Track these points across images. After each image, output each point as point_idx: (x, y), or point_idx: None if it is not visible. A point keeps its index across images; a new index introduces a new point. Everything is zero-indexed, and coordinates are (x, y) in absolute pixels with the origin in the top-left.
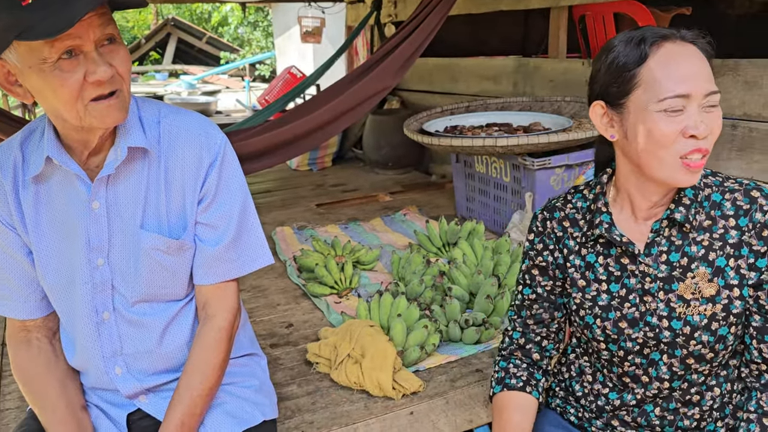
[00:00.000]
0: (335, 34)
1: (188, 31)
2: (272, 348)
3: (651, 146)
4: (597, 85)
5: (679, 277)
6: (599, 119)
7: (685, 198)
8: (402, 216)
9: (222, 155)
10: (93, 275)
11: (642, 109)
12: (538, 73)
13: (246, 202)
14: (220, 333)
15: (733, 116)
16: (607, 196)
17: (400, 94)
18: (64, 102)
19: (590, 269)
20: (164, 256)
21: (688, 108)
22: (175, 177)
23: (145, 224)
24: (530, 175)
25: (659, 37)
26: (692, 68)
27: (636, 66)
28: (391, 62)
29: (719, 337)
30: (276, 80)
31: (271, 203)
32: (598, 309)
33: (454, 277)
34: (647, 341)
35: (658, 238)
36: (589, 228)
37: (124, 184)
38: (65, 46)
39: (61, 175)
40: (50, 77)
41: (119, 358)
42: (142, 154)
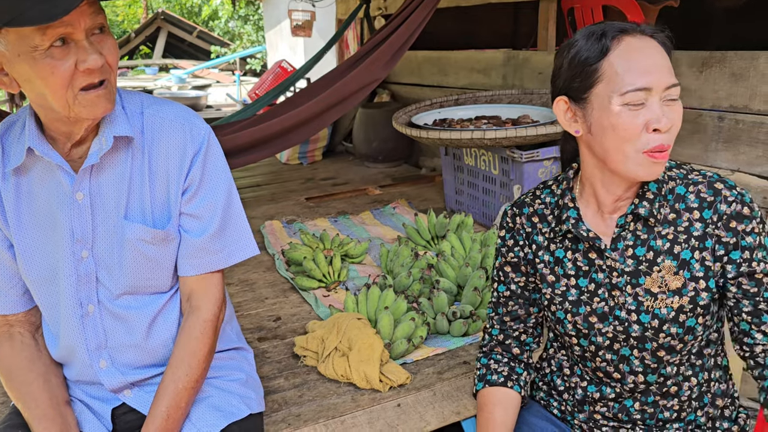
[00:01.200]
0: (326, 27)
1: (178, 25)
2: (260, 341)
3: (614, 140)
4: (560, 81)
5: (645, 270)
6: (563, 114)
7: (649, 192)
8: (391, 209)
9: (206, 145)
10: (77, 268)
11: (604, 103)
12: (527, 66)
13: (230, 192)
14: (204, 325)
15: (720, 108)
16: (574, 191)
17: (390, 87)
18: (54, 90)
19: (559, 264)
20: (148, 246)
21: (650, 101)
22: (159, 167)
23: (129, 215)
24: (518, 167)
25: (619, 31)
26: (653, 61)
27: (597, 60)
28: (380, 54)
29: (688, 329)
30: (267, 74)
31: (260, 197)
32: (568, 304)
33: (442, 269)
34: (617, 335)
35: (623, 233)
36: (557, 223)
37: (107, 174)
38: (57, 33)
39: (43, 166)
40: (41, 65)
41: (104, 351)
42: (126, 144)
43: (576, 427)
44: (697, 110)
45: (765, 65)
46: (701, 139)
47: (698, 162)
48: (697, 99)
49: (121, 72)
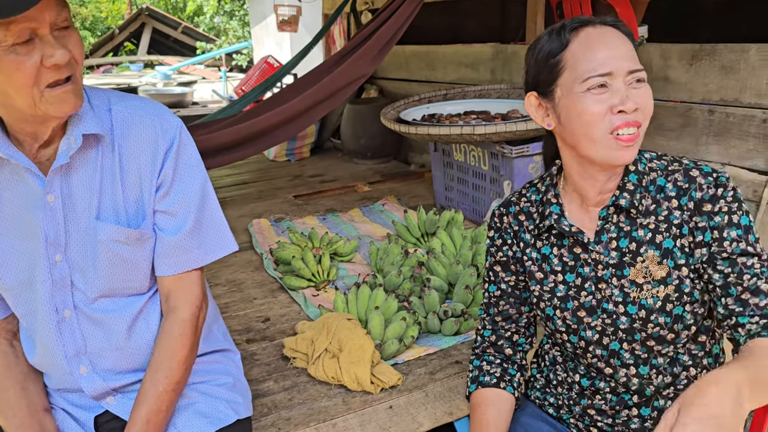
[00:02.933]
0: (312, 22)
1: (163, 21)
2: (248, 343)
3: (582, 127)
4: (529, 77)
5: (629, 262)
6: (534, 110)
7: (630, 183)
8: (380, 206)
9: (178, 140)
10: (52, 272)
11: (569, 91)
12: (515, 60)
13: (205, 188)
14: (183, 325)
15: (710, 101)
16: (558, 187)
17: (378, 83)
18: (20, 88)
19: (546, 261)
20: (123, 247)
21: (613, 85)
22: (131, 165)
23: (101, 215)
24: (508, 163)
25: (578, 23)
26: (612, 48)
27: (559, 52)
28: (367, 49)
29: (676, 317)
30: (253, 70)
31: (248, 195)
32: (557, 300)
33: (433, 267)
34: (605, 329)
35: (607, 225)
36: (540, 220)
37: (78, 174)
38: (21, 28)
39: (10, 170)
40: (5, 62)
41: (83, 357)
42: (96, 142)
43: (572, 426)
44: (688, 104)
45: (755, 58)
46: (692, 132)
47: (689, 155)
48: (687, 92)
49: (106, 69)
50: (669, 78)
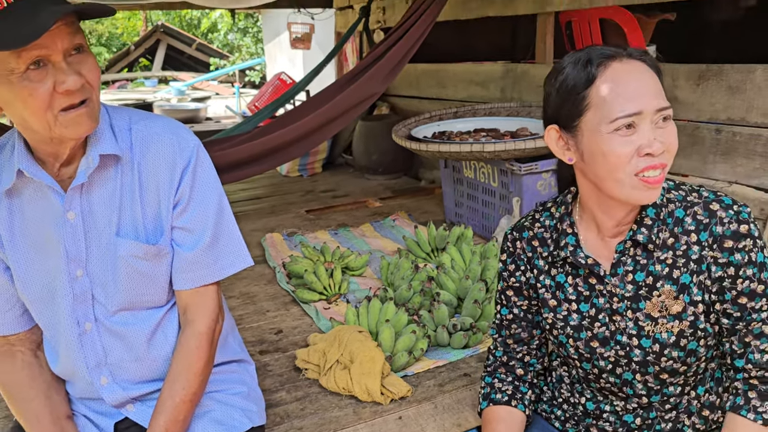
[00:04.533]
0: (325, 40)
1: (178, 38)
2: (261, 354)
3: (607, 168)
4: (549, 109)
5: (645, 295)
6: (554, 143)
7: (647, 218)
8: (391, 221)
9: (195, 158)
10: (73, 287)
11: (594, 130)
12: (525, 79)
13: (221, 204)
14: (200, 338)
15: (717, 120)
16: (573, 215)
17: (389, 100)
18: (34, 112)
19: (560, 289)
20: (142, 262)
21: (641, 126)
22: (150, 182)
23: (120, 231)
24: (517, 180)
25: (605, 56)
26: (641, 85)
27: (584, 88)
28: (379, 68)
29: (689, 352)
30: (266, 86)
31: (261, 209)
32: (570, 329)
33: (443, 282)
34: (619, 360)
35: (623, 258)
36: (555, 248)
37: (98, 192)
38: (33, 56)
39: (34, 187)
40: (19, 88)
41: (104, 368)
42: (115, 161)
43: None
44: (695, 123)
45: (761, 78)
46: (699, 151)
47: (696, 174)
48: (694, 111)
49: (121, 84)
50: (677, 97)
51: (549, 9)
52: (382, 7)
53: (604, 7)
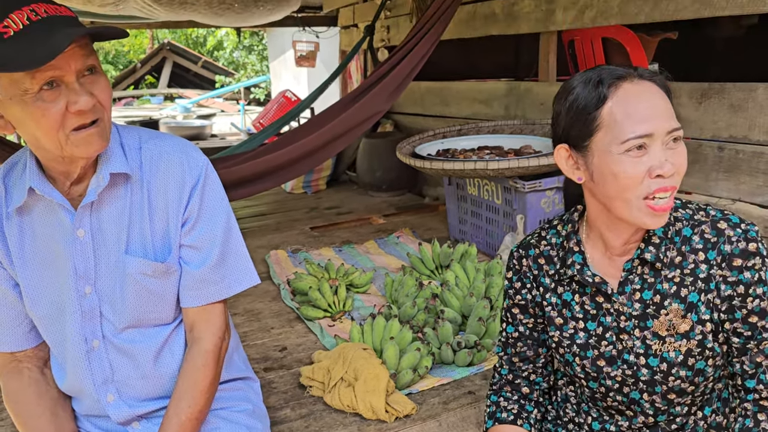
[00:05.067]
0: (329, 58)
1: (184, 55)
2: (266, 372)
3: (617, 189)
4: (559, 128)
5: (653, 314)
6: (564, 162)
7: (655, 237)
8: (395, 238)
9: (204, 177)
10: (81, 304)
11: (605, 151)
12: (528, 96)
13: (229, 223)
14: (206, 355)
15: (720, 138)
16: (580, 233)
17: (394, 117)
18: (46, 132)
19: (567, 307)
20: (150, 280)
21: (652, 147)
22: (159, 200)
23: (129, 249)
24: (521, 197)
25: (616, 77)
26: (652, 107)
27: (595, 108)
28: (384, 87)
29: (697, 371)
30: (271, 103)
31: (265, 226)
32: (576, 347)
33: (447, 299)
34: (626, 379)
35: (630, 276)
36: (562, 266)
37: (107, 210)
38: (46, 77)
39: (45, 205)
40: (32, 108)
41: (110, 385)
42: (125, 179)
43: None
44: (698, 140)
45: (763, 96)
46: (702, 168)
47: (699, 191)
48: (696, 129)
49: (127, 102)
50: (679, 115)
51: (552, 28)
52: (387, 26)
53: (606, 27)
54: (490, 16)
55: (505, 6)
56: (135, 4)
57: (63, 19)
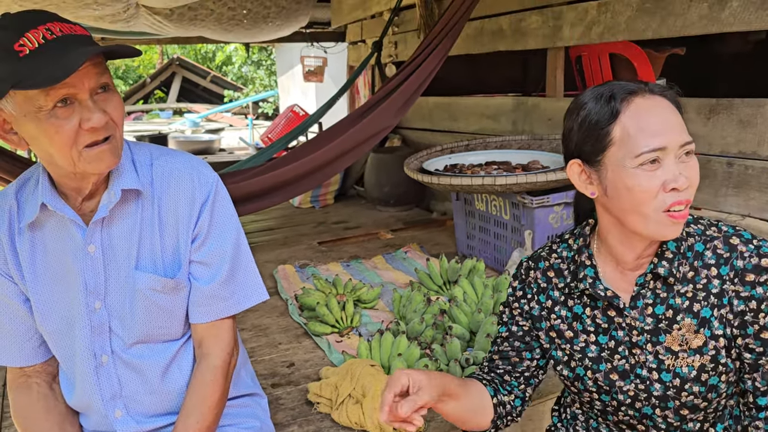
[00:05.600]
0: (337, 73)
1: (193, 70)
2: (273, 388)
3: (633, 203)
4: (571, 144)
5: (665, 329)
6: (577, 177)
7: (668, 252)
8: (403, 254)
9: (214, 193)
10: (91, 319)
11: (619, 166)
12: (536, 112)
13: (239, 239)
14: (215, 371)
15: (729, 154)
16: (591, 247)
17: (401, 132)
18: (59, 148)
19: (578, 320)
20: (160, 295)
21: (665, 161)
22: (169, 217)
23: (139, 265)
24: (529, 213)
25: (628, 92)
26: (664, 121)
27: (608, 123)
28: (392, 102)
29: (710, 387)
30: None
31: (273, 241)
32: (588, 360)
33: (455, 315)
34: (638, 394)
35: (643, 291)
36: (572, 279)
37: (118, 226)
38: (60, 94)
39: (56, 221)
40: (46, 125)
41: (119, 400)
42: (136, 196)
43: None
44: (706, 156)
45: None
46: (711, 184)
47: (708, 207)
48: (705, 145)
49: (136, 116)
50: (687, 130)
51: (559, 44)
52: (394, 41)
53: (613, 42)
54: (497, 32)
55: (512, 22)
56: (145, 20)
57: (77, 38)
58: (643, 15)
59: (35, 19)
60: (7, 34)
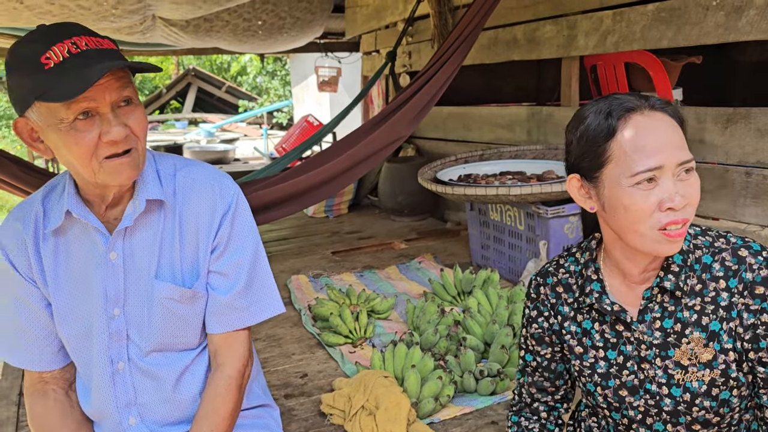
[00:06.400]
0: (351, 83)
1: (208, 81)
2: (286, 398)
3: (628, 221)
4: (571, 158)
5: (674, 343)
6: (576, 192)
7: (674, 265)
8: (417, 264)
9: (235, 205)
10: (109, 325)
11: (615, 183)
12: (551, 121)
13: (257, 251)
14: (229, 381)
15: (747, 164)
16: (598, 261)
17: (415, 142)
18: (79, 159)
19: (586, 335)
20: (177, 305)
21: (662, 179)
22: (190, 227)
23: (159, 274)
24: (544, 223)
25: (626, 110)
26: (661, 139)
27: (605, 140)
28: (406, 112)
29: (722, 402)
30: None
31: (287, 251)
32: (597, 377)
33: (469, 326)
34: (649, 409)
35: (650, 305)
36: (581, 295)
37: (140, 235)
38: (81, 108)
39: (80, 228)
40: (66, 136)
41: (133, 408)
42: (159, 206)
43: None
44: (724, 165)
45: None
46: (728, 194)
47: (726, 217)
48: (723, 154)
49: (152, 126)
50: (704, 140)
51: (574, 53)
52: (408, 51)
53: (629, 52)
54: (511, 42)
55: (526, 31)
56: (161, 32)
57: (102, 52)
58: (658, 24)
59: (63, 32)
60: (36, 47)
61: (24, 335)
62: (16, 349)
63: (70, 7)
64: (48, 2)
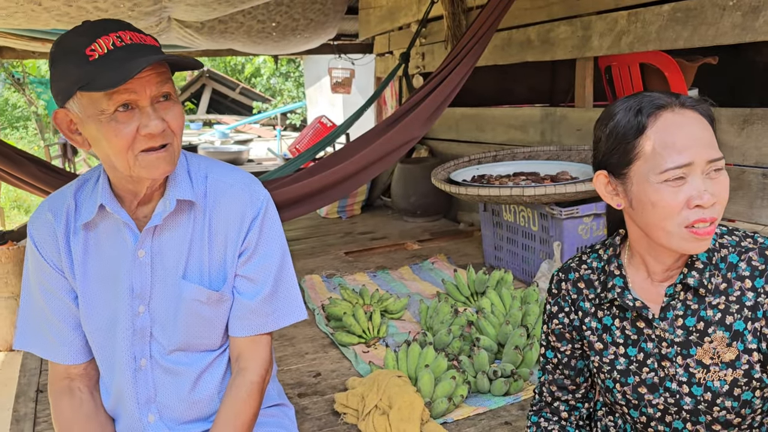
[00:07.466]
0: (364, 84)
1: (222, 82)
2: (300, 397)
3: (656, 217)
4: (599, 154)
5: (696, 341)
6: (603, 188)
7: (698, 262)
8: (430, 264)
9: (264, 210)
10: (134, 322)
11: (644, 180)
12: (565, 122)
13: (284, 257)
14: (251, 386)
15: (764, 165)
16: (622, 257)
17: (428, 143)
18: (117, 151)
19: (607, 332)
20: (203, 307)
21: (691, 177)
22: (219, 230)
23: (187, 275)
24: (558, 224)
25: (656, 107)
26: (691, 137)
27: (635, 137)
28: (419, 113)
29: (744, 402)
30: (307, 129)
31: (300, 251)
32: (617, 373)
33: (482, 327)
34: (668, 408)
35: (673, 302)
36: (602, 289)
37: (169, 234)
38: (122, 99)
39: (111, 223)
40: (106, 127)
41: (153, 405)
42: (189, 206)
43: None
44: (741, 167)
45: None
46: (745, 195)
47: (743, 219)
48: (739, 156)
49: None
50: (720, 141)
51: (588, 54)
52: (422, 52)
53: (644, 52)
54: (525, 43)
55: (540, 32)
56: (177, 33)
57: (145, 47)
58: (674, 24)
59: (108, 27)
60: (82, 40)
61: (51, 326)
62: (44, 340)
63: (87, 9)
64: (66, 4)
